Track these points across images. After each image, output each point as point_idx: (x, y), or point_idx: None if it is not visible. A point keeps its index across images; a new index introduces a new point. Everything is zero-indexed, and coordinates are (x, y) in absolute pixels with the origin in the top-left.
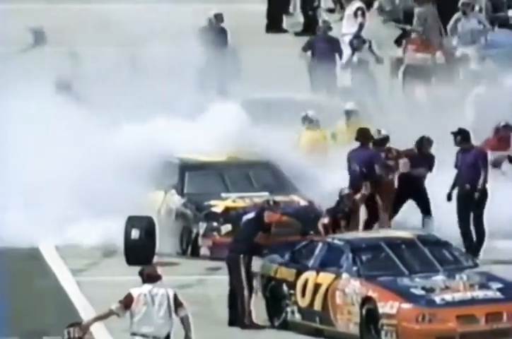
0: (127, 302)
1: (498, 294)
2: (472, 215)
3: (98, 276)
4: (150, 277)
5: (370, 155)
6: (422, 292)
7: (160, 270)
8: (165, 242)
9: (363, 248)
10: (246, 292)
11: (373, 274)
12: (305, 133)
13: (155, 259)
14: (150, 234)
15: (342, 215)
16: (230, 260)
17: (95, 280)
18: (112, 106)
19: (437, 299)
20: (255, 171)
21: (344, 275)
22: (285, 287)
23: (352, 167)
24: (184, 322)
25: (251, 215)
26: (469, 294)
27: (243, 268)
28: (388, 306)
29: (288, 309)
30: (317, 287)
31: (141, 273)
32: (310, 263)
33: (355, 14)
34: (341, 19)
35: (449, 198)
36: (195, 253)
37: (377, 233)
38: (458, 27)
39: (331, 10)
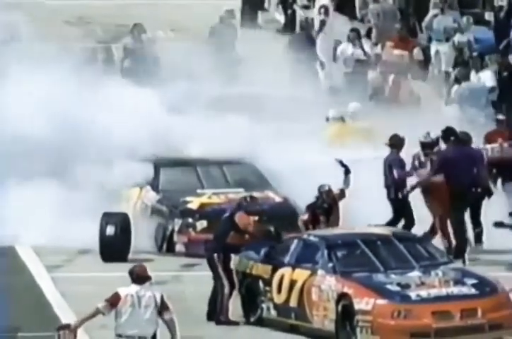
0: (114, 301)
1: (473, 290)
2: (469, 214)
3: (73, 273)
4: (139, 278)
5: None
6: (397, 288)
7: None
8: (141, 239)
9: (339, 244)
10: (226, 290)
11: (348, 270)
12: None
13: (131, 256)
14: (125, 231)
15: (321, 210)
16: (207, 259)
17: (70, 276)
18: None
19: (412, 295)
20: (230, 167)
21: (320, 272)
22: (261, 284)
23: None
24: (170, 325)
25: (227, 214)
26: (444, 290)
27: (220, 265)
28: (364, 303)
29: (264, 306)
30: (292, 283)
31: (130, 273)
32: (286, 259)
33: (319, 11)
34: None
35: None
36: (170, 250)
37: (353, 230)
38: (434, 23)
39: (306, 7)
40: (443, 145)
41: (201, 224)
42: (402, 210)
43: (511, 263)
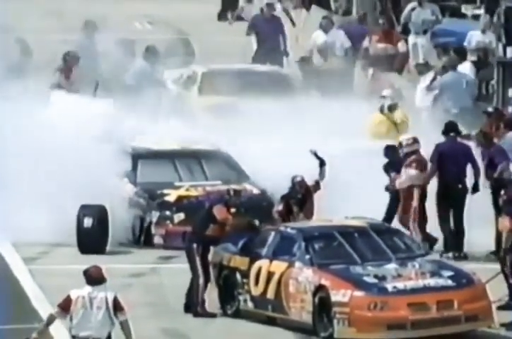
0: (65, 305)
1: (450, 282)
2: (452, 212)
3: (50, 265)
4: (93, 279)
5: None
6: (374, 280)
7: (104, 269)
8: (118, 231)
9: (316, 236)
10: (201, 281)
11: (325, 262)
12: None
13: (108, 248)
14: (102, 223)
15: (295, 201)
16: (186, 250)
17: (48, 268)
18: None
19: (389, 287)
20: (208, 160)
21: (297, 264)
22: (238, 276)
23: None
24: (124, 327)
25: (206, 206)
26: (421, 282)
27: (198, 257)
28: (341, 294)
29: (241, 298)
30: (270, 275)
31: (85, 273)
32: (264, 251)
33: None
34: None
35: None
36: (148, 242)
37: (330, 222)
38: (412, 17)
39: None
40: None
41: (179, 216)
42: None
43: (488, 255)
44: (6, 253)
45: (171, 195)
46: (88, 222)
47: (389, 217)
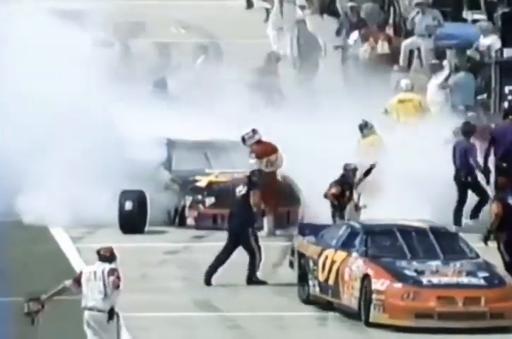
0: (78, 279)
1: (482, 282)
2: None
3: (95, 243)
4: (102, 257)
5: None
6: (413, 274)
7: (116, 251)
8: (156, 213)
9: (376, 231)
10: (258, 256)
11: (377, 255)
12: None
13: (147, 228)
14: (142, 206)
15: (347, 186)
16: (238, 234)
17: (93, 246)
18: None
19: (424, 280)
20: (235, 150)
21: (354, 254)
22: (311, 263)
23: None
24: (109, 285)
25: (243, 191)
26: (454, 279)
27: (252, 238)
28: (380, 283)
29: (311, 283)
30: (332, 263)
31: (97, 252)
32: (333, 242)
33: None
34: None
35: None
36: (182, 223)
37: (395, 221)
38: (415, 22)
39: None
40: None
41: (210, 200)
42: (476, 190)
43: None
44: (56, 233)
45: (202, 181)
46: (128, 205)
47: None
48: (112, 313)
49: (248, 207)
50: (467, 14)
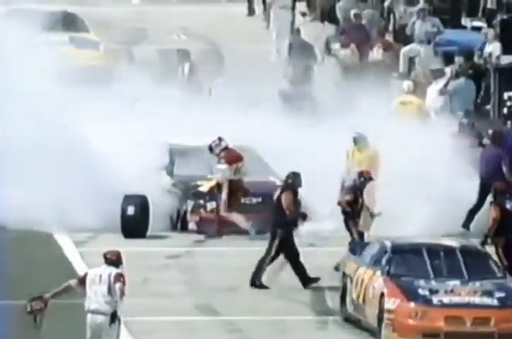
0: (83, 279)
1: (495, 302)
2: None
3: (98, 247)
4: (108, 261)
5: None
6: (426, 293)
7: (122, 254)
8: (158, 218)
9: (404, 250)
10: (267, 259)
11: (398, 273)
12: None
13: (149, 233)
14: (144, 211)
15: (360, 193)
16: (282, 237)
17: (95, 250)
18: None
19: (435, 299)
20: None
21: (378, 272)
22: (348, 281)
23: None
24: (115, 293)
25: (277, 194)
26: (466, 299)
27: (278, 240)
28: (391, 302)
29: (348, 301)
30: (362, 282)
31: (104, 255)
32: (367, 260)
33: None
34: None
35: None
36: (184, 228)
37: (426, 239)
38: (415, 29)
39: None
40: None
41: (211, 205)
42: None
43: None
44: (60, 237)
45: (204, 186)
46: (131, 210)
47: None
48: (114, 317)
49: (281, 210)
50: (466, 21)
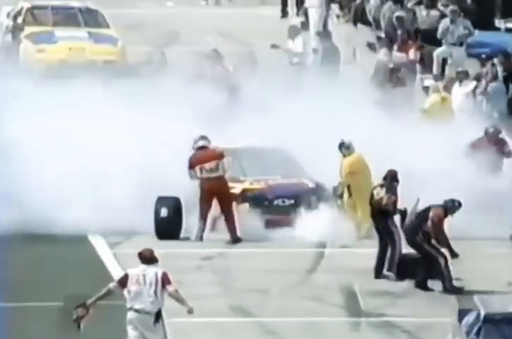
0: (123, 281)
1: None
2: None
3: (132, 249)
4: (145, 259)
5: None
6: None
7: (156, 253)
8: (191, 219)
9: (497, 320)
10: (442, 260)
11: None
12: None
13: (182, 234)
14: (177, 213)
15: (393, 192)
16: (411, 242)
17: (129, 252)
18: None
19: None
20: (268, 157)
21: None
22: None
23: None
24: (175, 296)
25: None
26: None
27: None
28: None
29: None
30: None
31: (139, 255)
32: (464, 329)
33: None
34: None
35: None
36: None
37: None
38: (447, 32)
39: None
40: None
41: (244, 206)
42: None
43: None
44: (94, 239)
45: (236, 188)
46: (164, 211)
47: None
48: (159, 315)
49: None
50: (499, 23)
